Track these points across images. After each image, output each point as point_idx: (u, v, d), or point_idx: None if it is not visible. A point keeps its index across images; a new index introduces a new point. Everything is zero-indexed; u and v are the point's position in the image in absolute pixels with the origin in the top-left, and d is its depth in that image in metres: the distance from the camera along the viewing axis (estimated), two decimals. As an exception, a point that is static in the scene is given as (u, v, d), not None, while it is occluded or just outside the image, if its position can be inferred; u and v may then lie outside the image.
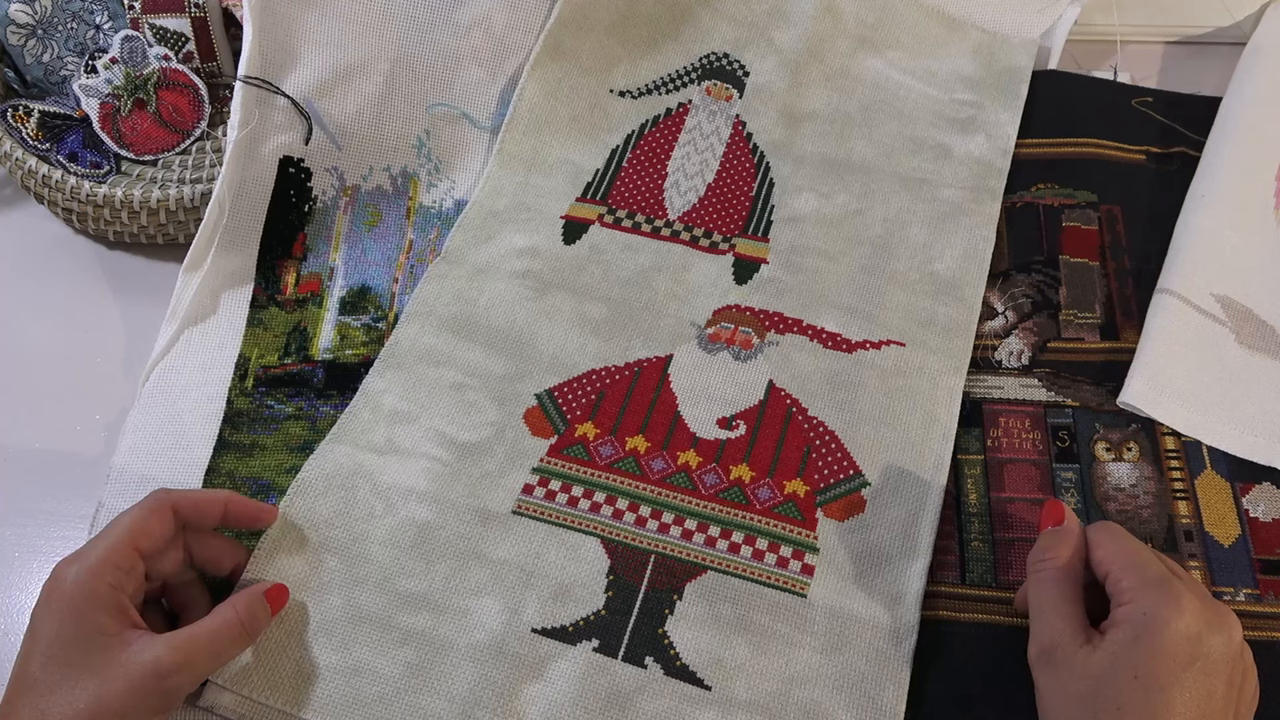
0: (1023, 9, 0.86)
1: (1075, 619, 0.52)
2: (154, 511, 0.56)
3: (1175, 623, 0.48)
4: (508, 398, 0.68)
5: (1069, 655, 0.50)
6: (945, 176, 0.78)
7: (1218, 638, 0.49)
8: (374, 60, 0.79)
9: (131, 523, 0.55)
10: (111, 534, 0.54)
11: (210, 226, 0.75)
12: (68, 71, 0.82)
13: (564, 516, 0.63)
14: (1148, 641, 0.48)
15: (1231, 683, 0.49)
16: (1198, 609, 0.49)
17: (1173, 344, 0.68)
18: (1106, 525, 0.55)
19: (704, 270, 0.74)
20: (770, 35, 0.85)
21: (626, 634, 0.59)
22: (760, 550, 0.62)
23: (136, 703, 0.50)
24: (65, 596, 0.52)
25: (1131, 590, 0.50)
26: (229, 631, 0.54)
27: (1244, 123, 0.77)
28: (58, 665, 0.50)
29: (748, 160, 0.80)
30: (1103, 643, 0.50)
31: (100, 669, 0.50)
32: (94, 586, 0.52)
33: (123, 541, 0.54)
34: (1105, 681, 0.48)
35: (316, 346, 0.73)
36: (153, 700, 0.51)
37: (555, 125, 0.81)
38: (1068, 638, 0.51)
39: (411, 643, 0.59)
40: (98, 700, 0.50)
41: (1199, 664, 0.48)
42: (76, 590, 0.52)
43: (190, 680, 0.53)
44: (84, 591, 0.52)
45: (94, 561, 0.53)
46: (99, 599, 0.52)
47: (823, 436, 0.66)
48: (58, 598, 0.52)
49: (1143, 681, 0.48)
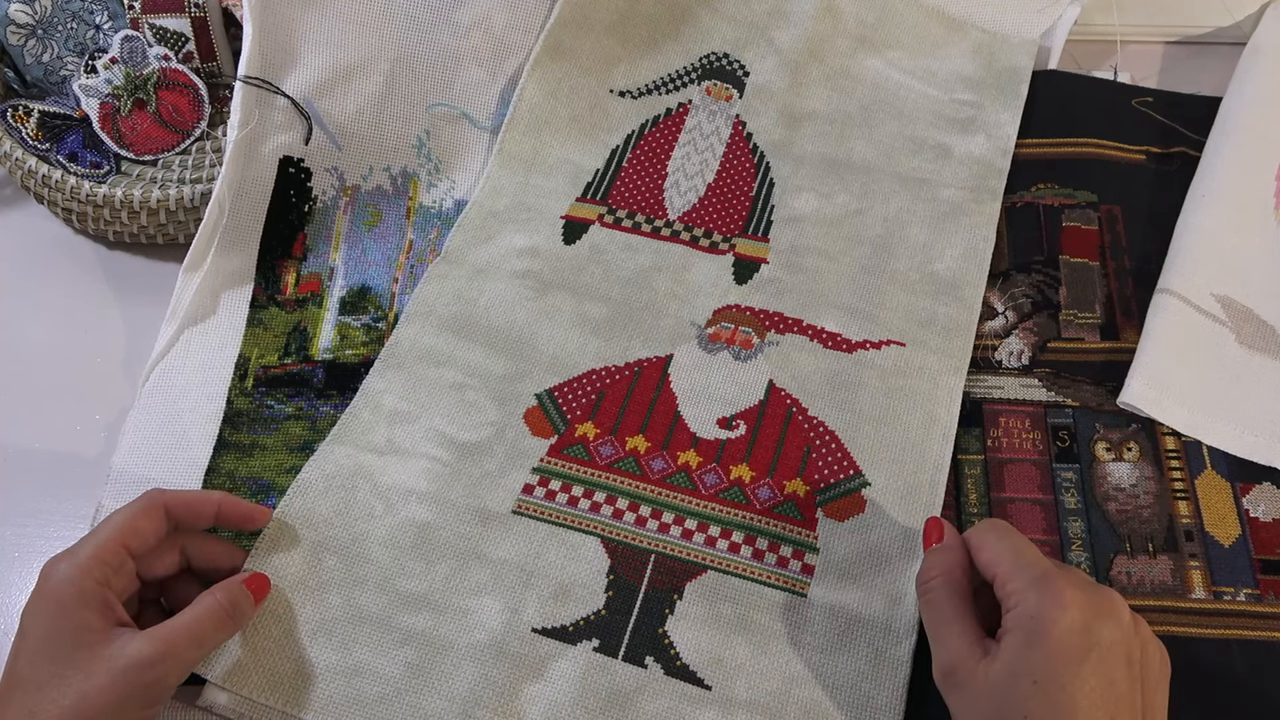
0: (1023, 9, 0.86)
1: (969, 634, 0.52)
2: (145, 511, 0.56)
3: (1061, 620, 0.48)
4: (508, 398, 0.68)
5: (970, 673, 0.50)
6: (945, 176, 0.78)
7: (1107, 624, 0.49)
8: (374, 60, 0.79)
9: (122, 521, 0.55)
10: (101, 532, 0.54)
11: (210, 226, 0.75)
12: (68, 71, 0.82)
13: (564, 516, 0.63)
14: (1040, 644, 0.48)
15: (1131, 662, 0.49)
16: (1081, 601, 0.49)
17: (1173, 344, 0.68)
18: (990, 525, 0.55)
19: (704, 270, 0.74)
20: (770, 35, 0.85)
21: (627, 634, 0.59)
22: (760, 550, 0.62)
23: (122, 696, 0.50)
24: (52, 594, 0.52)
25: (1016, 593, 0.50)
26: (211, 619, 0.54)
27: (1244, 123, 0.77)
28: (45, 662, 0.51)
29: (748, 160, 0.80)
30: (999, 652, 0.50)
31: (85, 665, 0.50)
32: (81, 584, 0.52)
33: (112, 540, 0.54)
34: (1008, 693, 0.48)
35: (316, 346, 0.73)
36: (138, 693, 0.51)
37: (555, 125, 0.81)
38: (964, 654, 0.51)
39: (412, 643, 0.59)
40: (83, 697, 0.50)
41: (1094, 654, 0.48)
42: (63, 587, 0.52)
43: (174, 672, 0.52)
44: (71, 589, 0.52)
45: (82, 559, 0.53)
46: (85, 596, 0.52)
47: (823, 436, 0.66)
48: (45, 595, 0.52)
49: (1043, 685, 0.48)
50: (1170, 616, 0.60)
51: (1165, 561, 0.62)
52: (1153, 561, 0.62)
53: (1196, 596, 0.61)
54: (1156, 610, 0.60)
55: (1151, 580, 0.61)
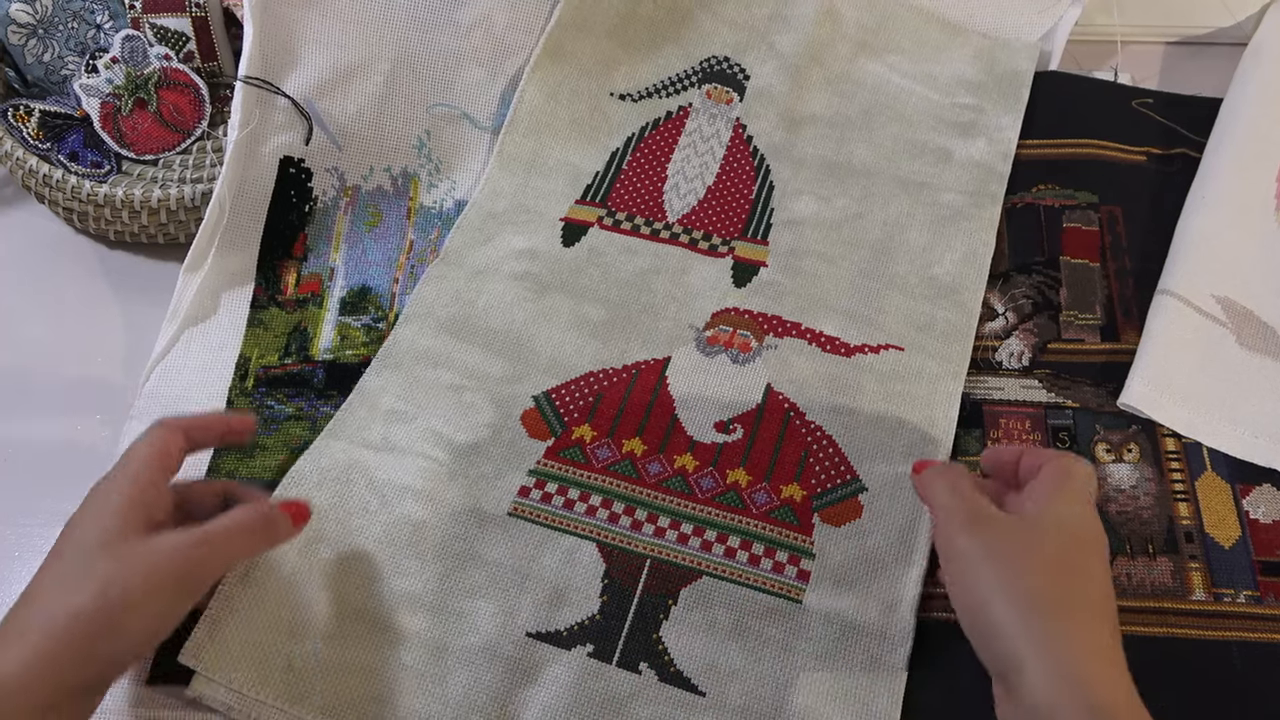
0: (1023, 11, 0.85)
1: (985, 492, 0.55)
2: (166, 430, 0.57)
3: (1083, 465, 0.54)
4: (505, 399, 0.68)
5: (999, 509, 0.53)
6: (946, 180, 0.78)
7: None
8: (374, 60, 0.79)
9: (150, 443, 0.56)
10: (136, 455, 0.56)
11: (210, 226, 0.75)
12: (68, 71, 0.83)
13: (560, 520, 0.63)
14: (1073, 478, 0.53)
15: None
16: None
17: (1173, 345, 0.68)
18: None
19: (703, 273, 0.74)
20: (771, 39, 0.84)
21: (621, 639, 0.59)
22: (756, 555, 0.62)
23: (156, 586, 0.51)
24: (97, 503, 0.54)
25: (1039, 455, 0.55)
26: (246, 522, 0.55)
27: (1245, 123, 0.77)
28: (83, 556, 0.52)
29: (748, 163, 0.80)
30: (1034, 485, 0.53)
31: (125, 557, 0.51)
32: (127, 492, 0.54)
33: (150, 459, 0.56)
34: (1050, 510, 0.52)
35: (317, 347, 0.73)
36: (170, 585, 0.51)
37: (555, 128, 0.81)
38: (988, 501, 0.54)
39: (406, 644, 0.59)
40: (125, 589, 0.50)
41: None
42: (108, 499, 0.54)
43: (207, 571, 0.54)
44: (118, 498, 0.54)
45: (128, 473, 0.55)
46: (130, 504, 0.53)
47: (820, 441, 0.66)
48: (89, 507, 0.54)
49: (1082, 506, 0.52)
50: (1170, 618, 0.60)
51: (1165, 563, 0.62)
52: (1153, 563, 0.62)
53: (1196, 598, 0.61)
54: (1156, 612, 0.60)
55: (1152, 581, 0.61)
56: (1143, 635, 0.59)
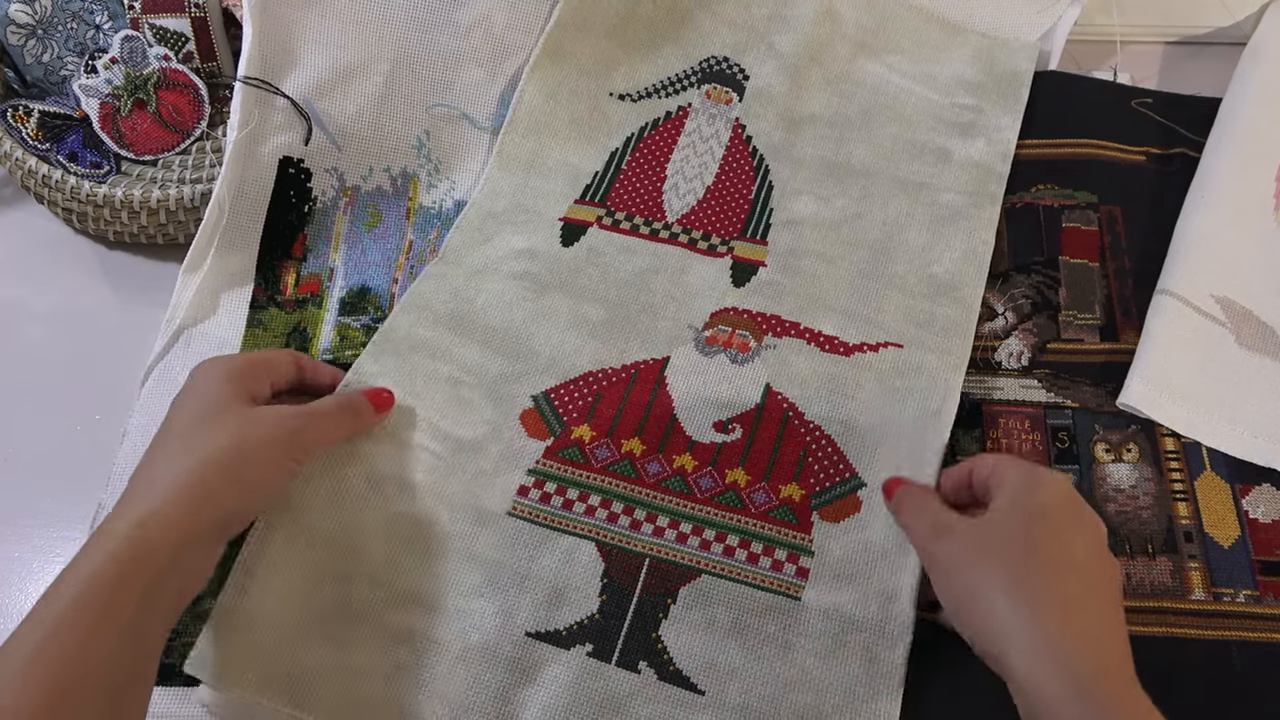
0: (1022, 10, 0.85)
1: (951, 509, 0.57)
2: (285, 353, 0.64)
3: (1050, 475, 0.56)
4: (504, 398, 0.68)
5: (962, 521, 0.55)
6: (945, 180, 0.78)
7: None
8: (374, 60, 0.79)
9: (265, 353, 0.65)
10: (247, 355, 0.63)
11: (210, 227, 0.75)
12: (68, 71, 0.83)
13: (559, 519, 0.63)
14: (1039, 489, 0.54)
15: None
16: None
17: (1172, 345, 0.68)
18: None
19: (702, 273, 0.74)
20: (770, 40, 0.84)
21: (620, 638, 0.59)
22: (755, 554, 0.62)
23: (271, 438, 0.57)
24: (209, 375, 0.59)
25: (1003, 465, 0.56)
26: (335, 403, 0.63)
27: (1244, 123, 0.77)
28: (197, 420, 0.57)
29: (747, 163, 0.80)
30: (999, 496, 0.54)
31: (244, 413, 0.57)
32: (234, 371, 0.60)
33: (258, 358, 0.62)
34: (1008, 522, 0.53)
35: (316, 347, 0.73)
36: (282, 440, 0.57)
37: (554, 128, 0.81)
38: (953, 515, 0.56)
39: (405, 643, 0.59)
40: (242, 438, 0.56)
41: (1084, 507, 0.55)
42: (222, 369, 0.60)
43: (313, 439, 0.59)
44: (228, 374, 0.59)
45: (236, 361, 0.61)
46: (240, 379, 0.59)
47: (819, 441, 0.66)
48: (199, 378, 0.60)
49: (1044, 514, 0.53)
50: (1170, 617, 0.60)
51: (1165, 562, 0.62)
52: (1152, 562, 0.62)
53: (1196, 598, 0.61)
54: (1155, 611, 0.60)
55: (1151, 581, 0.61)
56: (1142, 635, 0.59)
